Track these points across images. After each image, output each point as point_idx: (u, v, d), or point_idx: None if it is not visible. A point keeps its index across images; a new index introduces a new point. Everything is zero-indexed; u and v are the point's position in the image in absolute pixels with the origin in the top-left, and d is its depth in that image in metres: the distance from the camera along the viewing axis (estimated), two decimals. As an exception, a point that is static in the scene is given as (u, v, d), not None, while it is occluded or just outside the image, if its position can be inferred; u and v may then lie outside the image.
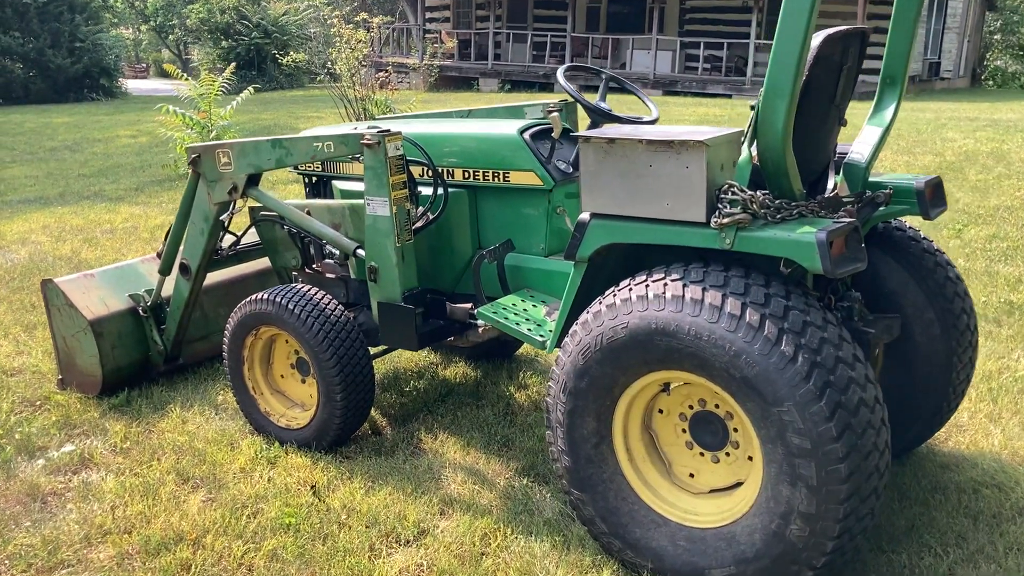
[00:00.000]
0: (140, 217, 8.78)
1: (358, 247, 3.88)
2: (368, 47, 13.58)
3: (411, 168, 3.79)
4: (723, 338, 2.68)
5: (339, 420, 3.92)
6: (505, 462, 3.88)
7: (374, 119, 13.47)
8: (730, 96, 23.52)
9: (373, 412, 4.32)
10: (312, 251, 4.38)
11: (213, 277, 4.82)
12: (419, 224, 3.86)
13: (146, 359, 4.81)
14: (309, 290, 3.99)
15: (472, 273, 3.79)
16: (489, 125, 4.04)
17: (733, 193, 2.78)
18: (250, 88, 10.97)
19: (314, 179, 4.54)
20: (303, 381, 4.17)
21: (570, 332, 3.04)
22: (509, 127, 3.86)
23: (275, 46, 28.16)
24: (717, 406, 2.96)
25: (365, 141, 3.59)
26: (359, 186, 3.76)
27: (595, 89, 4.12)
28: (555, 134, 3.68)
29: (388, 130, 3.63)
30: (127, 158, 13.48)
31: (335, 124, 6.21)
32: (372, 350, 4.07)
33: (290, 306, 3.91)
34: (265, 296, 4.00)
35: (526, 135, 3.78)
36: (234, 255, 4.74)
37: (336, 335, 3.85)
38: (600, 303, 2.96)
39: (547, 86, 25.95)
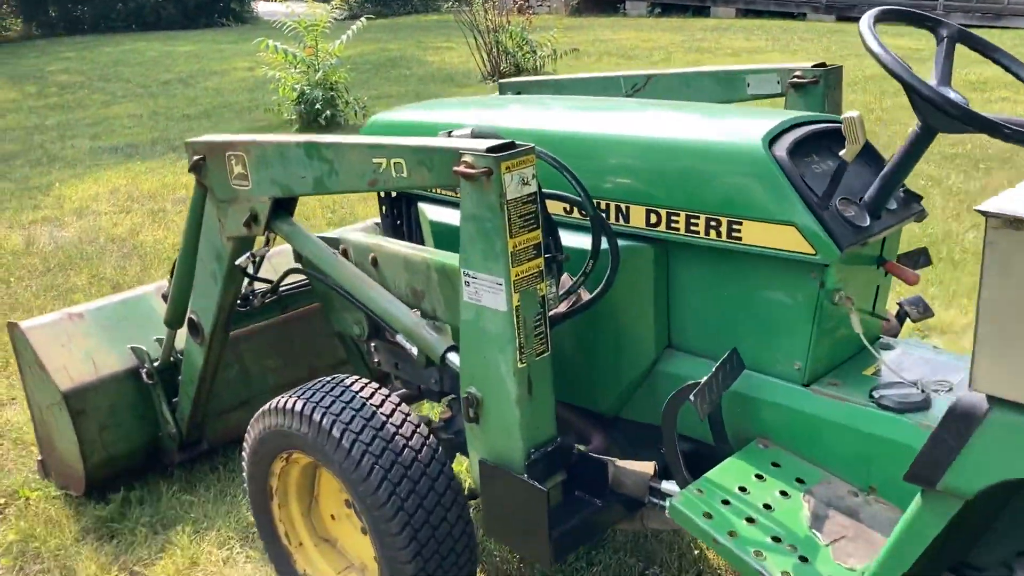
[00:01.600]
0: (223, 180, 7.32)
1: (451, 349, 2.13)
2: (505, -33, 11.66)
3: (551, 198, 2.01)
4: None
5: (414, 622, 2.26)
6: None
7: (506, 52, 11.58)
8: (919, 22, 20.29)
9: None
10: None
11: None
12: (561, 309, 2.08)
13: (156, 442, 3.27)
14: (363, 393, 2.32)
15: (664, 409, 1.99)
16: (699, 120, 2.19)
17: None
18: (362, 19, 9.27)
19: (393, 193, 2.79)
20: (364, 530, 2.51)
21: None
22: (743, 129, 2.01)
23: (408, -35, 26.35)
24: None
25: (462, 170, 1.80)
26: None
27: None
28: (848, 154, 1.80)
29: (509, 145, 1.82)
30: (238, 95, 12.16)
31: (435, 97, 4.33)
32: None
33: (327, 425, 2.24)
34: (290, 405, 2.35)
35: (779, 149, 1.92)
36: (275, 300, 3.10)
37: (405, 483, 2.18)
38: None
39: (701, 10, 23.21)
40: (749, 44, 14.07)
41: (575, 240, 2.18)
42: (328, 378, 2.46)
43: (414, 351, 2.21)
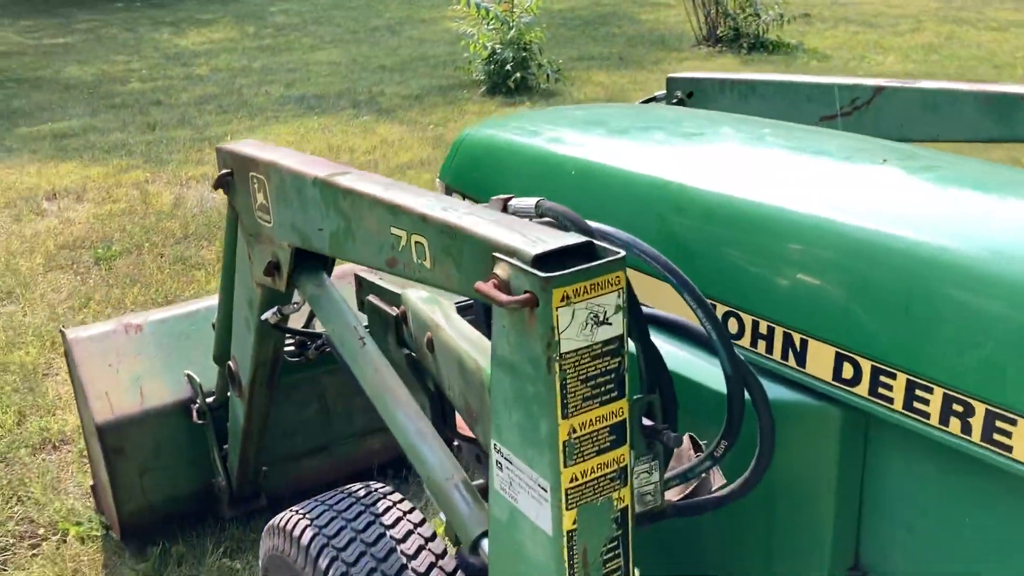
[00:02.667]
0: (391, 147, 6.80)
1: (484, 534, 1.36)
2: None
3: (658, 324, 1.19)
4: None
5: None
6: None
7: (726, 14, 10.35)
8: None
9: None
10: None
11: None
12: (671, 497, 1.25)
13: (208, 490, 2.73)
14: (395, 531, 1.66)
15: None
16: (951, 198, 1.26)
17: None
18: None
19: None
20: None
21: None
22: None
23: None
24: None
25: (487, 290, 1.00)
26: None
27: None
28: None
29: (582, 249, 1.00)
30: (437, 48, 11.70)
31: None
32: None
33: (317, 556, 1.62)
34: (297, 530, 1.75)
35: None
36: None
37: None
38: None
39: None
40: (1021, 16, 12.00)
41: (703, 371, 1.35)
42: (357, 489, 1.81)
43: (440, 515, 1.47)
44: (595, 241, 1.03)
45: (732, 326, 1.32)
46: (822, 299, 1.23)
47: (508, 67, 8.21)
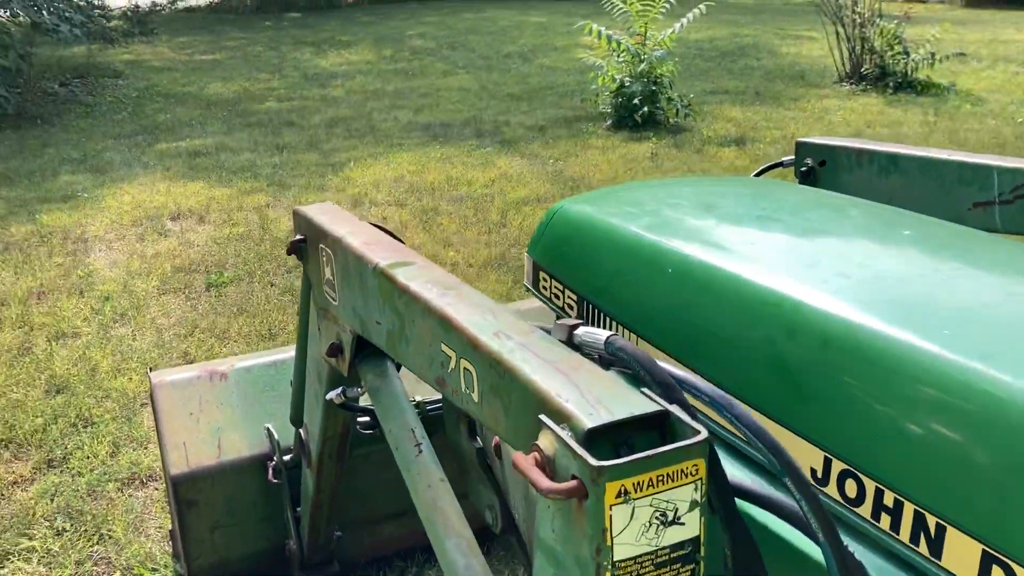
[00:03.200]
0: (509, 181, 6.66)
1: None
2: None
3: (754, 502, 0.95)
4: None
5: None
6: None
7: (871, 51, 9.79)
8: None
9: None
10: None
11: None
12: None
13: (281, 550, 2.62)
14: None
15: None
16: None
17: None
18: (701, 6, 8.11)
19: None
20: None
21: None
22: None
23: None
24: None
25: (526, 467, 0.80)
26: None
27: None
28: None
29: (656, 420, 0.79)
30: (567, 76, 11.59)
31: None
32: None
33: None
34: None
35: None
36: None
37: None
38: None
39: None
40: None
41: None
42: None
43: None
44: (671, 410, 0.81)
45: (850, 489, 1.08)
46: (968, 478, 0.97)
47: (636, 101, 7.99)
